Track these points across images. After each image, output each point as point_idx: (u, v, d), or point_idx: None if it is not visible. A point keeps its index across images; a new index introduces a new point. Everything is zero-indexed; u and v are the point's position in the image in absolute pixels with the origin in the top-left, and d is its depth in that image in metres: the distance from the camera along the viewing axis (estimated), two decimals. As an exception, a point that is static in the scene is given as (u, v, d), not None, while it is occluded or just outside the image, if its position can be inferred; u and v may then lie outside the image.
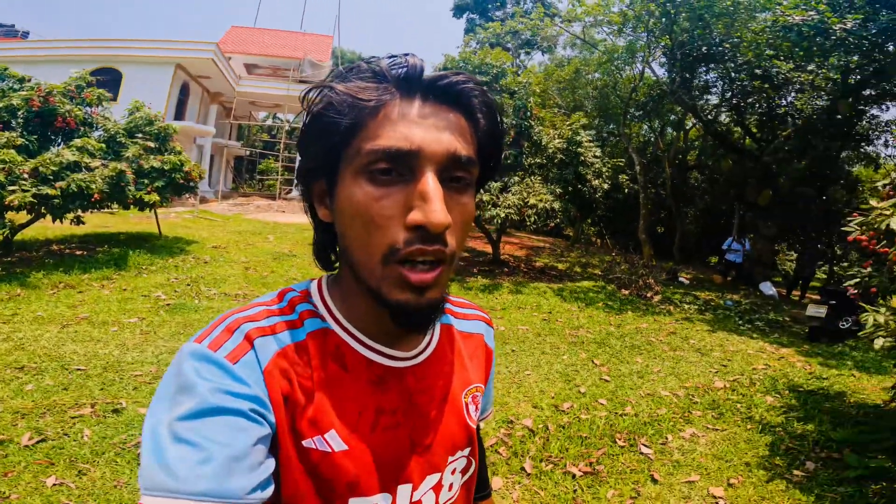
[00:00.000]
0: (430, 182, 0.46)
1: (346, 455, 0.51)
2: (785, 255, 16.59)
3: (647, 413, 3.57)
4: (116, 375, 3.50)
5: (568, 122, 9.54)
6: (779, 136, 10.51)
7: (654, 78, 12.83)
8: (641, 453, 3.01)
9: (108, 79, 15.17)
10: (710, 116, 12.92)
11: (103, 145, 7.40)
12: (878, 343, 2.48)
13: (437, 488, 0.59)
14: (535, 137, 9.07)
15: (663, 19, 9.48)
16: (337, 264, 0.59)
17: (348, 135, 0.48)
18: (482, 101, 0.52)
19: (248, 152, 25.44)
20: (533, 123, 9.04)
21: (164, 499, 0.40)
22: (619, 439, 3.16)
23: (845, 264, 11.34)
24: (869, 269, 3.08)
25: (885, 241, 2.73)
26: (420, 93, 0.49)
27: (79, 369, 3.52)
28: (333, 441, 0.51)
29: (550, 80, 14.98)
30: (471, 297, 7.16)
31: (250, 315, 0.52)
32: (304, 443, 0.50)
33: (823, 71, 8.39)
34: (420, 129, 0.47)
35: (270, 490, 0.45)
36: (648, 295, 8.19)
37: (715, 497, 2.61)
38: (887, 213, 2.64)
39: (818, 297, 6.96)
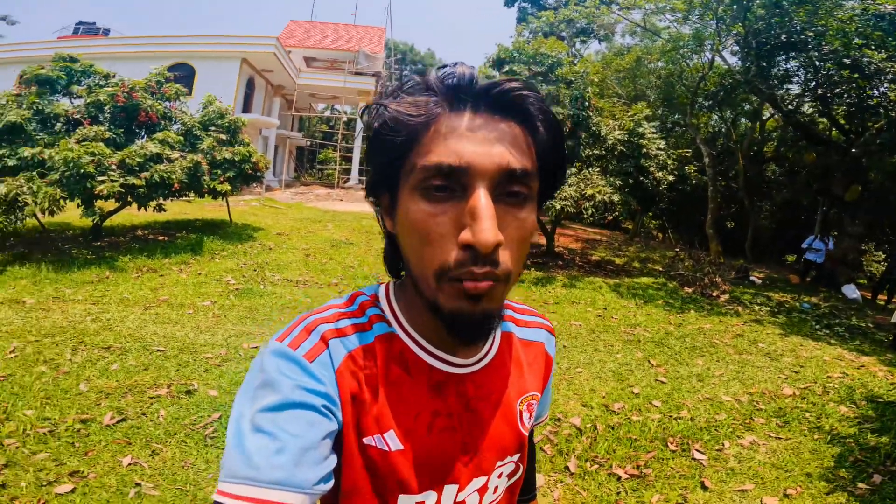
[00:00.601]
0: (480, 199, 0.45)
1: (401, 454, 0.54)
2: (872, 255, 15.11)
3: (704, 418, 3.40)
4: (190, 357, 3.76)
5: (630, 114, 9.16)
6: (870, 128, 9.56)
7: (726, 66, 12.01)
8: (694, 459, 2.87)
9: (183, 74, 16.28)
10: (790, 106, 11.92)
11: (181, 138, 7.96)
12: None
13: (483, 490, 0.61)
14: (593, 128, 8.79)
15: (734, 6, 8.82)
16: (403, 272, 0.61)
17: (403, 151, 0.49)
18: (539, 107, 0.49)
19: (308, 143, 26.57)
20: (591, 114, 8.76)
21: (241, 485, 0.44)
22: (671, 443, 3.04)
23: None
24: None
25: None
26: (471, 103, 0.48)
27: (158, 350, 3.81)
28: (391, 441, 0.54)
29: (609, 69, 14.38)
30: (523, 290, 7.11)
31: (326, 317, 0.55)
32: (366, 440, 0.53)
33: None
34: (470, 143, 0.46)
35: (331, 483, 0.48)
36: (714, 294, 7.77)
37: (768, 508, 2.47)
38: None
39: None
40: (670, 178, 8.81)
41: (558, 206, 8.09)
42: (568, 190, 8.24)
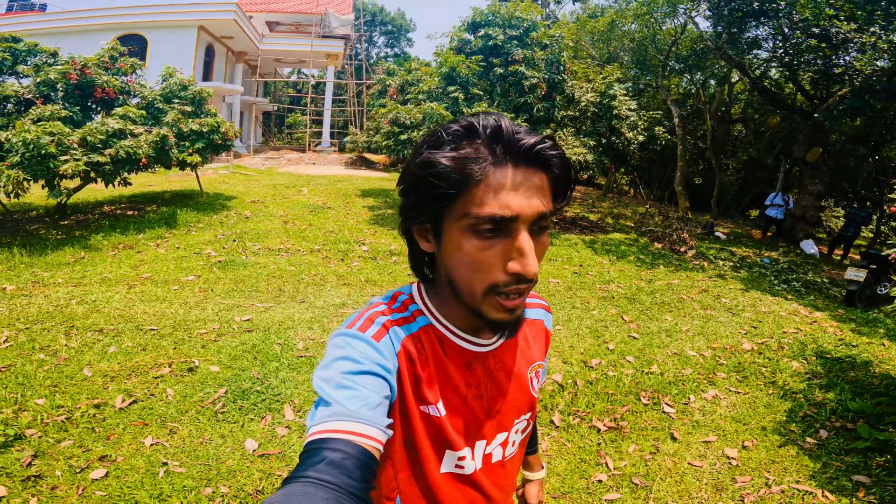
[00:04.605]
0: (525, 240, 0.58)
1: (446, 420, 0.69)
2: (832, 210, 15.85)
3: (672, 372, 3.63)
4: (185, 334, 3.75)
5: (602, 76, 9.20)
6: (834, 94, 9.89)
7: (697, 32, 12.09)
8: (664, 412, 3.12)
9: (135, 46, 15.55)
10: (758, 71, 12.17)
11: (143, 112, 7.67)
12: (904, 318, 2.51)
13: (504, 444, 0.78)
14: (567, 91, 8.80)
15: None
16: (431, 275, 0.73)
17: (454, 197, 0.59)
18: (559, 156, 0.62)
19: (275, 107, 25.78)
20: (566, 77, 8.75)
21: (338, 421, 0.54)
22: (644, 397, 3.26)
23: (894, 224, 10.81)
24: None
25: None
26: (513, 159, 0.58)
27: (152, 329, 3.79)
28: (440, 409, 0.69)
29: (583, 30, 14.24)
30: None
31: (381, 310, 0.70)
32: (422, 408, 0.68)
33: (887, 34, 7.75)
34: (517, 197, 0.58)
35: (391, 433, 0.60)
36: (682, 249, 8.08)
37: (728, 458, 2.70)
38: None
39: (859, 259, 6.73)
40: (640, 138, 8.97)
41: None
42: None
